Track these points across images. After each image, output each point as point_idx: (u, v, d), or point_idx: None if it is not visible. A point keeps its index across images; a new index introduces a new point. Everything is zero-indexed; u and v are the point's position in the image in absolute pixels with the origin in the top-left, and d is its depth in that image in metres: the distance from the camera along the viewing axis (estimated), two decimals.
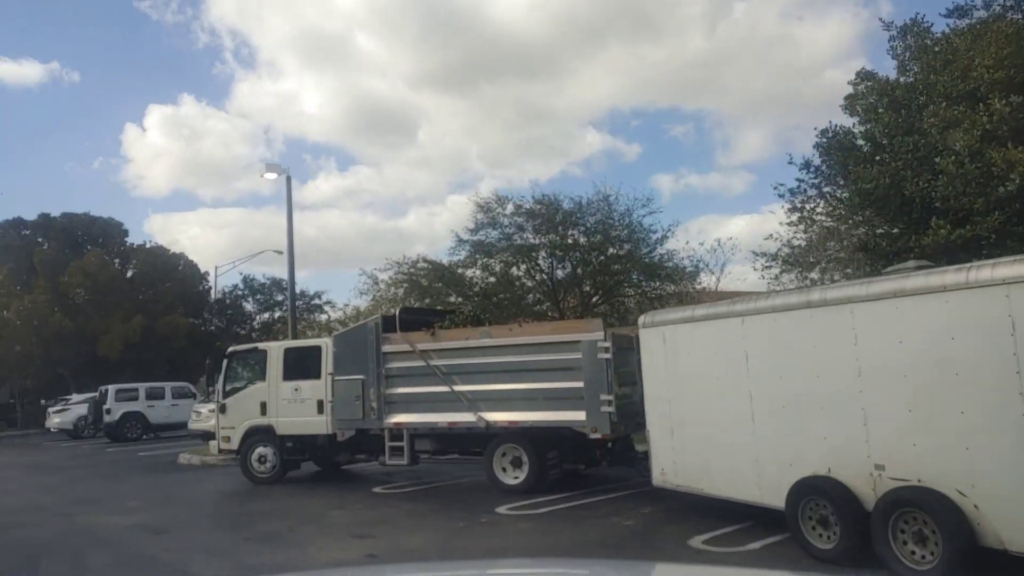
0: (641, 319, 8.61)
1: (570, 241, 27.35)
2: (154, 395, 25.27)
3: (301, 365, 12.11)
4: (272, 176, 24.52)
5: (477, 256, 28.50)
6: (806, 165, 17.92)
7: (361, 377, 11.04)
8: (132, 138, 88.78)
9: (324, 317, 49.21)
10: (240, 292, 47.85)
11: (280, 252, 48.26)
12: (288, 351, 12.25)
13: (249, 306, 48.72)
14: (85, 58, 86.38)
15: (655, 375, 8.21)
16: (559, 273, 27.92)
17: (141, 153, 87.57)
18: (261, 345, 12.89)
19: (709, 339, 7.51)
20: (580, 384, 9.48)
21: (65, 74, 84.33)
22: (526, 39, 79.07)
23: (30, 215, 40.94)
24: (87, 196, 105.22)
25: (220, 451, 12.60)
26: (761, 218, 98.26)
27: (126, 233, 42.18)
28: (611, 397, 9.30)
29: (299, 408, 11.81)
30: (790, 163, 18.21)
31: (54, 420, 28.45)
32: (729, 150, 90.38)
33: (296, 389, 11.88)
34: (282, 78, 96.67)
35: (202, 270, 44.38)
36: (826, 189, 17.77)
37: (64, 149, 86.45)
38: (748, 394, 7.04)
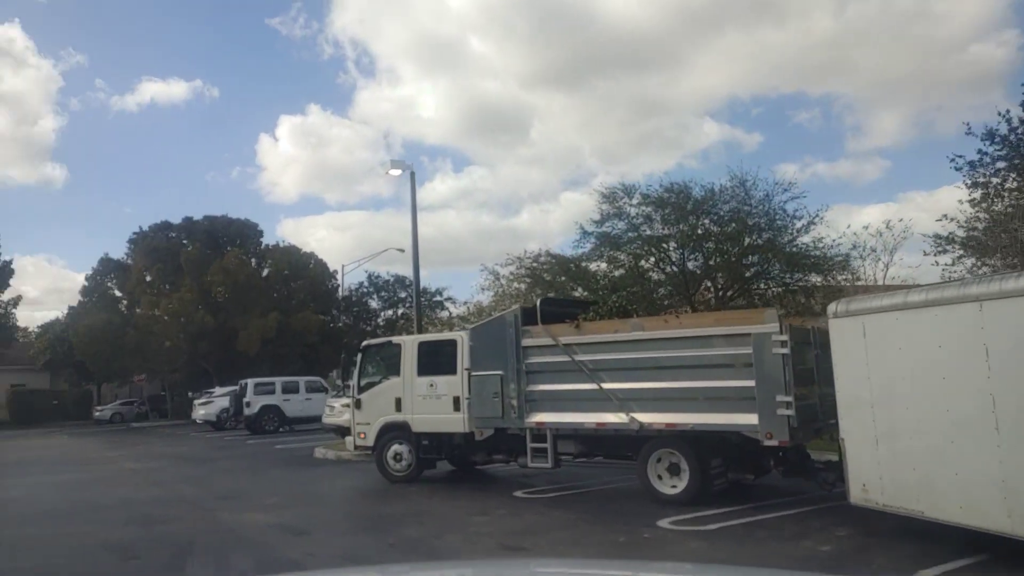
0: (832, 307, 7.34)
1: (701, 231, 25.75)
2: (289, 389, 25.96)
3: (436, 360, 11.58)
4: (397, 172, 24.49)
5: (603, 249, 27.42)
6: (989, 135, 15.68)
7: (500, 373, 10.33)
8: (266, 148, 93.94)
9: (445, 314, 49.70)
10: (366, 290, 49.10)
11: (402, 250, 49.07)
12: (422, 345, 11.75)
13: (374, 303, 49.92)
14: (223, 75, 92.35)
15: (853, 374, 6.93)
16: (690, 265, 26.39)
17: (273, 161, 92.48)
18: (395, 339, 12.48)
19: (930, 330, 6.17)
20: (751, 383, 8.29)
21: (207, 90, 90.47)
22: (638, 31, 76.88)
23: (176, 219, 43.70)
24: (227, 203, 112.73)
25: (356, 448, 12.29)
26: (898, 207, 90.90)
27: (261, 234, 44.21)
28: (790, 398, 8.05)
29: (435, 404, 11.27)
30: (968, 133, 15.99)
31: (199, 412, 29.94)
32: (861, 135, 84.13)
33: (431, 385, 11.35)
34: (400, 84, 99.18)
35: (330, 269, 45.81)
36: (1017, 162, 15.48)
37: (206, 159, 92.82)
38: (989, 397, 5.68)
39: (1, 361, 49.57)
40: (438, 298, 50.51)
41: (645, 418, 9.03)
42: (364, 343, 12.78)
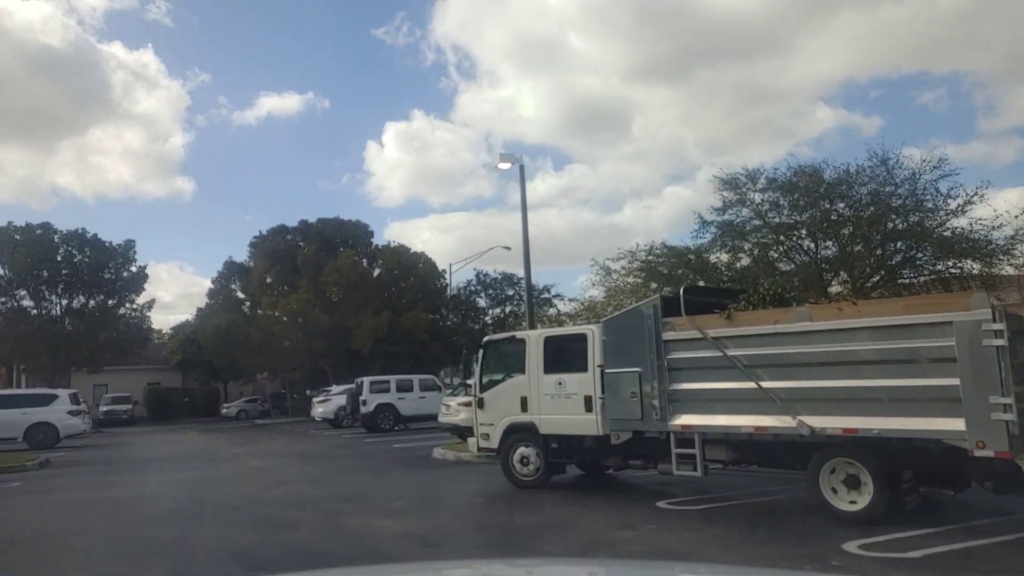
0: None
1: (835, 216, 23.67)
2: (403, 387, 25.89)
3: (564, 356, 10.71)
4: (506, 166, 23.91)
5: (725, 238, 25.76)
6: None
7: (637, 370, 9.33)
8: (373, 154, 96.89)
9: (553, 311, 48.94)
10: (474, 288, 49.09)
11: (508, 248, 48.76)
12: (549, 340, 10.89)
13: (482, 301, 49.86)
14: (334, 86, 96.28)
15: None
16: (823, 254, 24.35)
17: (380, 167, 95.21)
18: (519, 334, 11.70)
19: None
20: (954, 381, 6.92)
21: (318, 102, 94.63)
22: (743, 18, 73.42)
23: (292, 223, 45.15)
24: (338, 209, 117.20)
25: (479, 450, 11.61)
26: None
27: (371, 234, 44.96)
28: (1009, 400, 6.64)
29: (564, 404, 10.40)
30: None
31: (318, 410, 30.51)
32: (994, 114, 76.95)
33: (559, 383, 10.48)
34: (500, 85, 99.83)
35: (439, 268, 46.03)
36: None
37: (319, 167, 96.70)
38: None
39: (138, 361, 52.92)
40: (546, 295, 49.86)
41: (816, 422, 7.79)
42: (485, 339, 12.08)
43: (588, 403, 10.10)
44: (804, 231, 24.13)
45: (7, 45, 76.06)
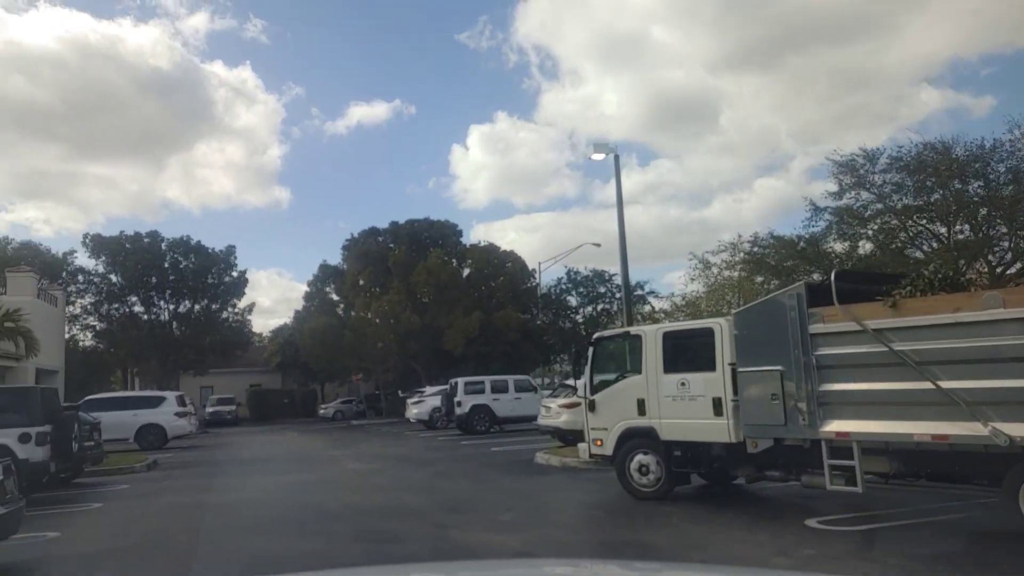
0: None
1: (970, 197, 21.54)
2: (498, 388, 25.22)
3: (687, 353, 9.64)
4: (600, 156, 22.85)
5: (842, 225, 23.86)
6: None
7: (779, 368, 8.15)
8: (458, 157, 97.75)
9: (647, 308, 47.36)
10: (564, 286, 48.12)
11: (598, 244, 47.77)
12: (668, 336, 9.81)
13: (573, 300, 48.82)
14: (419, 92, 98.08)
15: None
16: (958, 238, 22.21)
17: (465, 170, 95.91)
18: (633, 329, 10.67)
19: None
20: None
21: (405, 108, 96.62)
22: (837, 0, 69.30)
23: (382, 226, 45.54)
24: (425, 212, 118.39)
25: (591, 456, 10.66)
26: None
27: (460, 234, 44.77)
28: None
29: (688, 408, 9.32)
30: None
31: (412, 411, 30.29)
32: None
33: (682, 383, 9.40)
34: (583, 84, 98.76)
35: (528, 267, 45.33)
36: None
37: (406, 172, 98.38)
38: None
39: (241, 363, 54.78)
40: (639, 292, 48.32)
41: (1016, 430, 6.44)
42: (596, 335, 11.09)
43: (717, 406, 8.97)
44: (933, 213, 22.09)
45: (122, 70, 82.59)
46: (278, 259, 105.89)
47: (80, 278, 42.06)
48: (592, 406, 10.57)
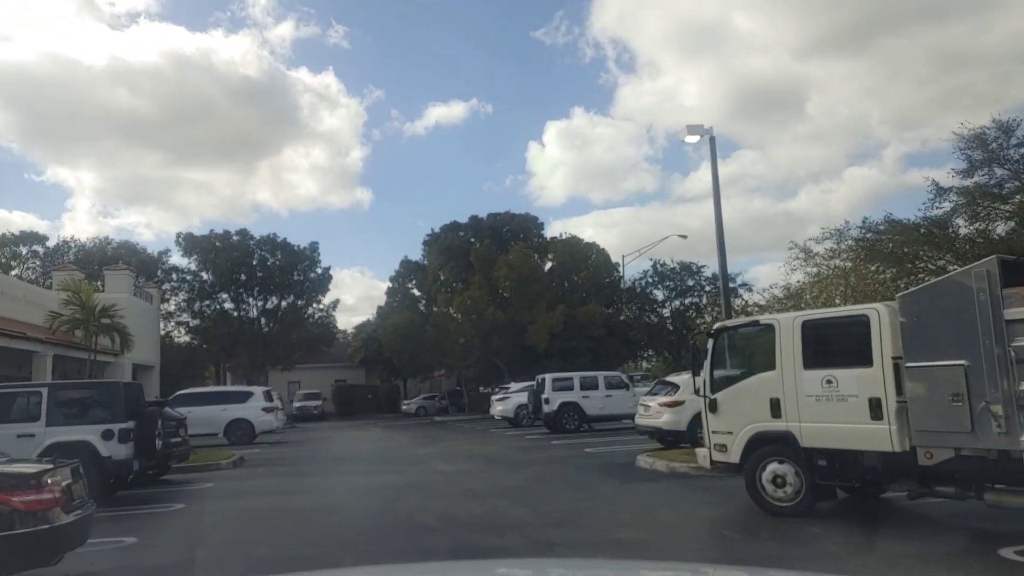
0: None
1: None
2: (588, 385, 23.97)
3: (835, 345, 8.19)
4: (695, 139, 21.20)
5: (974, 205, 21.49)
6: None
7: (962, 363, 6.64)
8: (534, 154, 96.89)
9: (739, 302, 45.02)
10: (650, 279, 46.36)
11: (685, 236, 45.59)
12: (810, 326, 8.35)
13: (659, 293, 46.98)
14: (496, 91, 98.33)
15: None
16: None
17: (542, 167, 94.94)
18: (764, 318, 9.23)
19: None
20: None
21: (482, 107, 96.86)
22: None
23: (463, 220, 44.98)
24: (503, 209, 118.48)
25: (712, 463, 9.32)
26: None
27: (542, 227, 43.67)
28: None
29: (837, 410, 7.87)
30: None
31: (496, 408, 29.43)
32: None
33: (828, 381, 7.96)
34: (661, 75, 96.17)
35: (612, 260, 43.83)
36: None
37: (483, 170, 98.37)
38: None
39: (325, 359, 55.49)
40: (731, 284, 46.02)
41: None
42: (717, 325, 9.69)
43: (875, 408, 7.50)
44: None
45: (214, 79, 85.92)
46: (361, 258, 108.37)
47: (174, 276, 43.30)
48: (713, 406, 9.23)
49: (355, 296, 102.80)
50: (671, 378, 17.15)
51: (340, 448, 22.24)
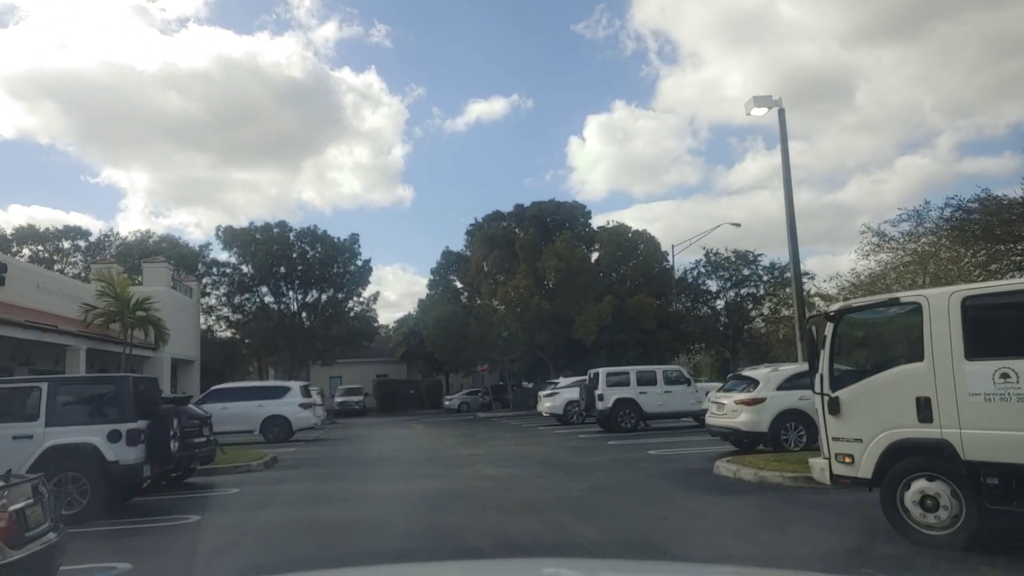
0: None
1: None
2: (645, 380, 22.12)
3: (1011, 329, 6.32)
4: (762, 111, 19.32)
5: None
6: None
7: None
8: (574, 149, 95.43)
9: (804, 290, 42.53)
10: (702, 270, 44.14)
11: (738, 225, 43.24)
12: (973, 304, 6.47)
13: (713, 284, 44.71)
14: (536, 86, 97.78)
15: None
16: None
17: (582, 161, 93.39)
18: (907, 295, 7.30)
19: None
20: None
21: (522, 103, 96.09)
22: None
23: (506, 209, 43.35)
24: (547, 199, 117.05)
25: (835, 477, 7.49)
26: None
27: (589, 215, 41.70)
28: None
29: (1016, 413, 6.01)
30: None
31: (544, 404, 27.77)
32: None
33: (1005, 375, 6.08)
34: (704, 67, 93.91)
35: (661, 249, 41.69)
36: None
37: (524, 166, 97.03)
38: None
39: (367, 354, 54.52)
40: (789, 274, 43.49)
41: None
42: (839, 306, 7.78)
43: None
44: None
45: (261, 81, 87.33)
46: (403, 255, 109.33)
47: (215, 270, 42.61)
48: (835, 407, 7.39)
49: (397, 293, 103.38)
50: (748, 372, 15.25)
51: (379, 447, 20.83)
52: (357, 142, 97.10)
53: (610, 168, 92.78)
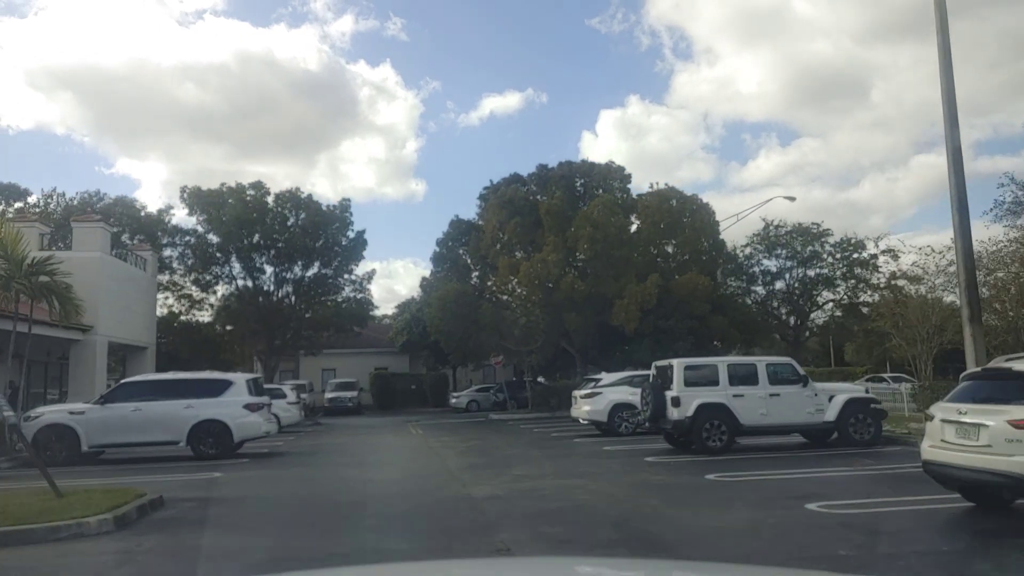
0: None
1: None
2: (742, 377, 15.09)
3: None
4: None
5: None
6: None
7: None
8: (588, 144, 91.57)
9: (877, 277, 35.39)
10: (756, 248, 37.04)
11: (792, 199, 36.27)
12: None
13: (770, 263, 37.64)
14: (550, 80, 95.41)
15: None
16: None
17: (596, 156, 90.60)
18: None
19: None
20: None
21: (537, 97, 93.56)
22: None
23: (528, 170, 36.26)
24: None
25: None
26: None
27: (628, 179, 34.39)
28: None
29: None
30: None
31: (582, 408, 20.82)
32: None
33: None
34: (718, 63, 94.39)
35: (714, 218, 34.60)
36: None
37: (536, 160, 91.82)
38: None
39: (361, 343, 47.79)
40: (858, 255, 36.27)
41: None
42: None
43: None
44: None
45: (277, 74, 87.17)
46: (413, 249, 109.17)
47: (177, 239, 35.91)
48: None
49: (408, 287, 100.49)
50: (1013, 363, 8.19)
51: (348, 474, 13.87)
52: (371, 136, 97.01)
53: (623, 163, 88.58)
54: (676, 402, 14.82)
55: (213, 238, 34.35)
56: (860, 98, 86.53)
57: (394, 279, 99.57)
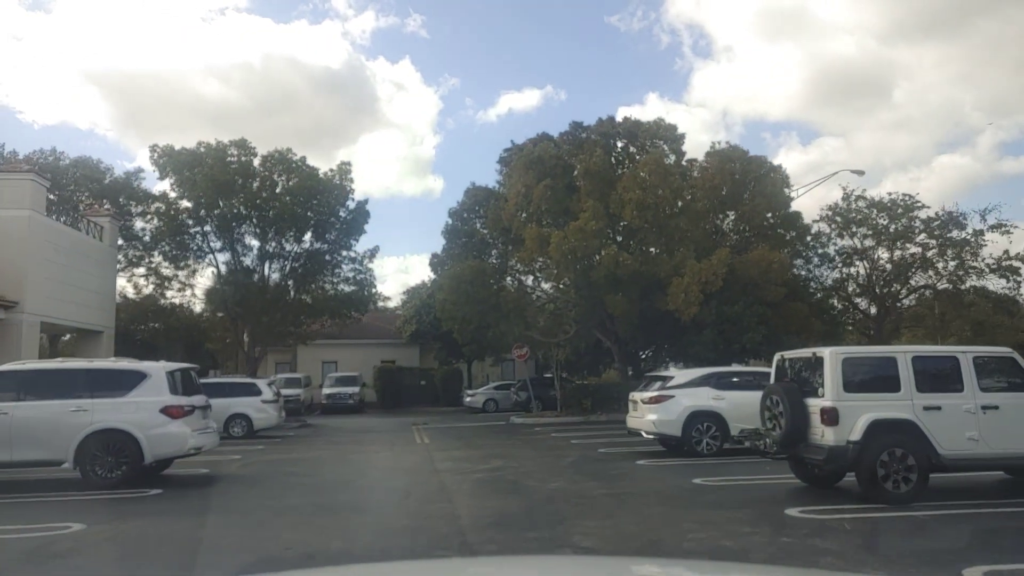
0: None
1: None
2: (935, 379, 9.34)
3: None
4: None
5: None
6: None
7: None
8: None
9: (990, 250, 29.48)
10: (837, 221, 31.18)
11: (861, 173, 30.52)
12: None
13: (846, 241, 31.75)
14: (570, 77, 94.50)
15: None
16: None
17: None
18: None
19: None
20: None
21: (556, 95, 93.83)
22: None
23: (560, 128, 30.52)
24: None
25: None
26: None
27: (681, 139, 28.41)
28: None
29: None
30: None
31: (647, 417, 15.13)
32: None
33: None
34: (738, 61, 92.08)
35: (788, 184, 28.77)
36: None
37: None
38: None
39: (364, 334, 42.48)
40: (958, 232, 30.28)
41: None
42: None
43: None
44: None
45: (298, 69, 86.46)
46: (432, 245, 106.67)
47: (148, 205, 30.61)
48: None
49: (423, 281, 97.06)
50: None
51: (328, 496, 8.24)
52: (390, 132, 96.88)
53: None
54: (832, 417, 9.12)
55: (186, 204, 28.96)
56: (882, 97, 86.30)
57: (410, 274, 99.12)
